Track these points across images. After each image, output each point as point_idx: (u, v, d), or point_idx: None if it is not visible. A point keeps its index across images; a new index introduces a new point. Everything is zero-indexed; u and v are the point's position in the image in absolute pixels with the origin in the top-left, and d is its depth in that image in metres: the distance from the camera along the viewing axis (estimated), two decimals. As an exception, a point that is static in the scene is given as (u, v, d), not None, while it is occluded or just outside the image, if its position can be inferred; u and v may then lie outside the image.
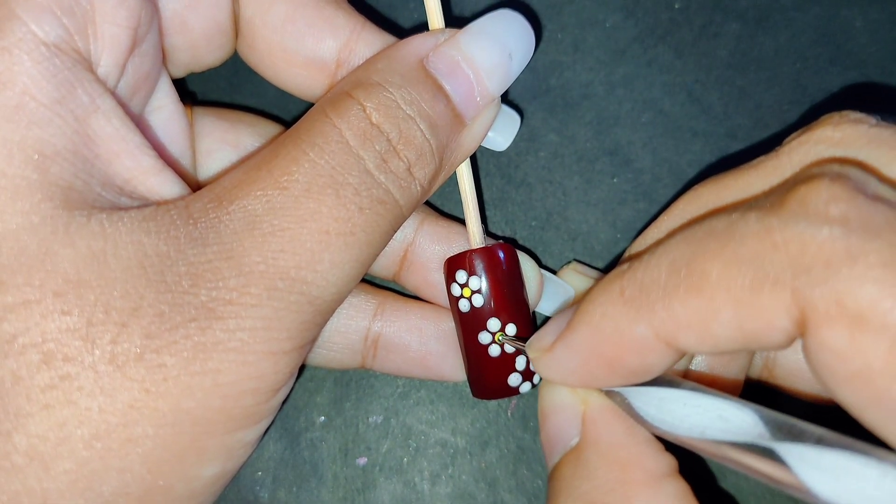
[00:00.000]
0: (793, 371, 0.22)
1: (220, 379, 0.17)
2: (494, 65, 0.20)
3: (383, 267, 0.24)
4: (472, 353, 0.22)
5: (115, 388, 0.16)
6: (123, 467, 0.16)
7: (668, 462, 0.18)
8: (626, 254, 0.22)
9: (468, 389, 0.25)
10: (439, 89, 0.19)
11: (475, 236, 0.22)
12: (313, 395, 0.25)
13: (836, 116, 0.18)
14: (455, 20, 0.27)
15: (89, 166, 0.17)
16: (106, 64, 0.18)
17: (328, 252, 0.18)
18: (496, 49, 0.20)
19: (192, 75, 0.23)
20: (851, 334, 0.14)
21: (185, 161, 0.22)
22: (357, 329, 0.23)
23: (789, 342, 0.16)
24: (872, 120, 0.18)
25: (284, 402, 0.25)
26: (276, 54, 0.21)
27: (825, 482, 0.15)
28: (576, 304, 0.19)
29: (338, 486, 0.25)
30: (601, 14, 0.26)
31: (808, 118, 0.26)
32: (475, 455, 0.25)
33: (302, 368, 0.26)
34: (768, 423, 0.17)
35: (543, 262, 0.26)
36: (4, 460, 0.16)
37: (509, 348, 0.22)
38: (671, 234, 0.18)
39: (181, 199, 0.18)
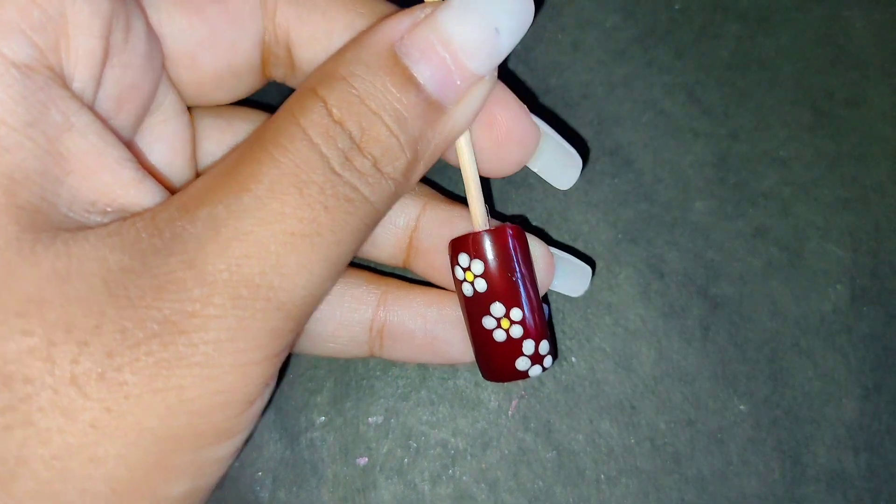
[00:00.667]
0: None
1: (185, 395, 0.16)
2: (477, 42, 0.18)
3: (391, 255, 0.23)
4: (478, 337, 0.22)
5: (76, 409, 0.16)
6: (86, 488, 0.16)
7: None
8: None
9: (469, 390, 0.25)
10: (409, 78, 0.18)
11: (478, 218, 0.21)
12: (313, 395, 0.25)
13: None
14: None
15: (59, 186, 0.17)
16: (81, 78, 0.17)
17: (294, 254, 0.17)
18: (478, 24, 0.18)
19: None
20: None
21: (188, 171, 0.21)
22: (361, 321, 0.23)
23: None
24: None
25: (284, 399, 0.25)
26: None
27: None
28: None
29: (338, 486, 0.25)
30: (601, 14, 0.27)
31: (808, 119, 0.26)
32: (476, 456, 0.25)
33: (301, 366, 0.26)
34: None
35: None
36: None
37: (515, 333, 0.21)
38: None
39: (149, 210, 0.18)
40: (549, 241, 0.26)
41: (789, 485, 0.25)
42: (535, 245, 0.23)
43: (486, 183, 0.26)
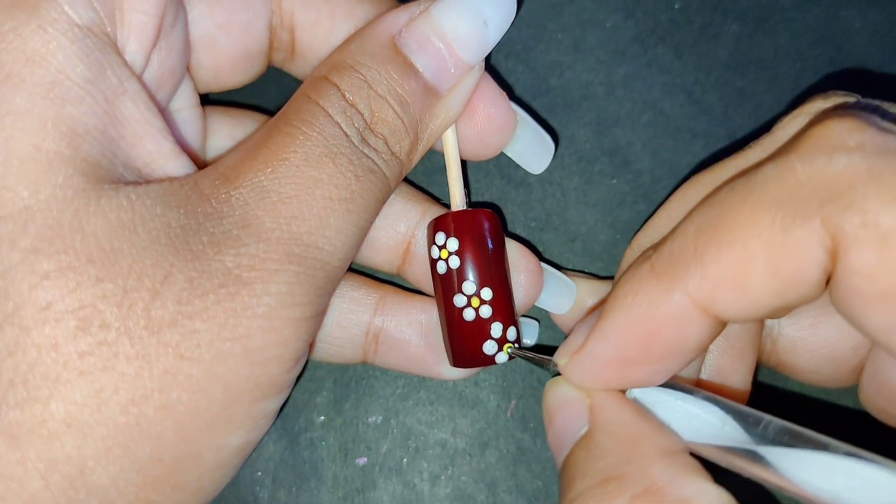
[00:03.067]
0: (795, 343, 0.22)
1: (250, 345, 0.17)
2: (468, 34, 0.20)
3: (386, 261, 0.24)
4: (449, 317, 0.22)
5: (151, 354, 0.16)
6: (158, 434, 0.16)
7: (679, 441, 0.18)
8: (629, 250, 0.22)
9: (468, 390, 0.25)
10: (409, 67, 0.20)
11: (456, 198, 0.23)
12: (313, 395, 0.25)
13: (822, 95, 0.19)
14: None
15: (115, 146, 0.17)
16: (132, 51, 0.18)
17: (333, 217, 0.18)
18: (469, 18, 0.20)
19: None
20: (880, 253, 0.14)
21: (198, 162, 0.22)
22: (358, 323, 0.23)
23: (824, 282, 0.16)
24: (858, 96, 0.18)
25: (284, 403, 0.25)
26: None
27: (815, 481, 0.15)
28: (600, 307, 0.19)
29: (337, 487, 0.25)
30: (601, 14, 0.26)
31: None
32: (475, 456, 0.25)
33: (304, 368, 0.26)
34: (769, 429, 0.17)
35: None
36: (42, 427, 0.16)
37: (485, 312, 0.22)
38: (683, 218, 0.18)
39: (189, 176, 0.18)
40: (540, 256, 0.26)
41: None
42: (524, 255, 0.23)
43: (465, 171, 0.26)
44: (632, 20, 0.26)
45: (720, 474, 0.17)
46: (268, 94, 0.26)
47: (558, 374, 0.20)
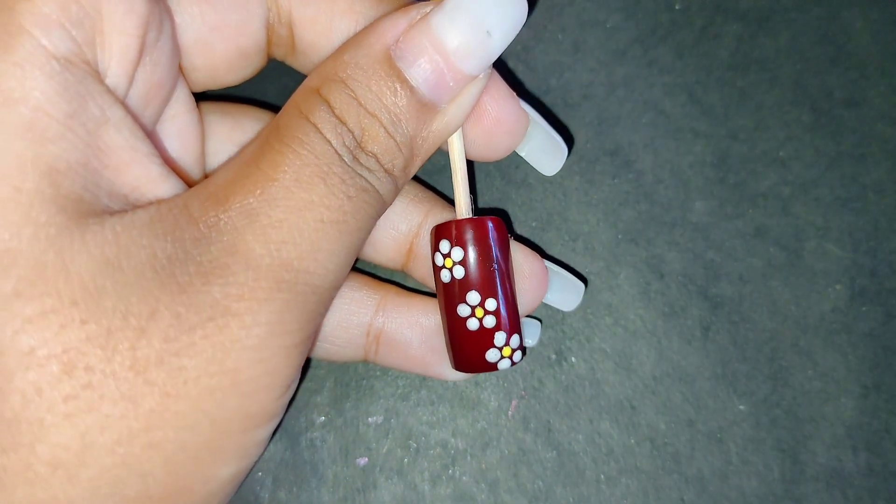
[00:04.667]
0: None
1: (238, 378, 0.17)
2: (469, 45, 0.19)
3: (390, 258, 0.24)
4: (451, 324, 0.22)
5: (137, 394, 0.16)
6: (145, 471, 0.16)
7: None
8: None
9: (469, 390, 0.25)
10: (403, 82, 0.19)
11: (462, 206, 0.22)
12: (313, 395, 0.25)
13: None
14: None
15: (98, 178, 0.17)
16: (115, 74, 0.18)
17: (325, 240, 0.18)
18: (470, 27, 0.19)
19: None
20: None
21: (197, 167, 0.22)
22: (359, 324, 0.23)
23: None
24: None
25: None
26: None
27: None
28: None
29: (338, 487, 0.25)
30: (602, 15, 0.26)
31: (808, 119, 0.26)
32: (476, 456, 0.25)
33: (304, 368, 0.26)
34: None
35: (544, 262, 0.26)
36: (28, 471, 0.16)
37: (488, 322, 0.21)
38: None
39: (178, 197, 0.18)
40: (544, 254, 0.26)
41: (789, 484, 0.25)
42: (530, 258, 0.23)
43: (471, 175, 0.26)
44: (632, 21, 0.26)
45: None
46: (268, 93, 0.26)
47: None
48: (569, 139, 0.26)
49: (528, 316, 0.25)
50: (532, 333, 0.25)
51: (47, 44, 0.16)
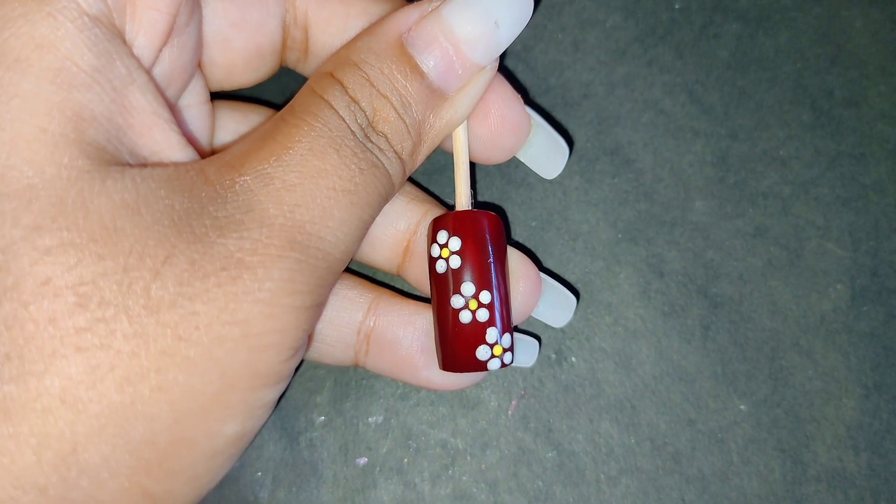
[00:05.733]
0: None
1: (249, 330, 0.17)
2: (477, 35, 0.20)
3: (387, 260, 0.24)
4: (443, 317, 0.22)
5: (149, 334, 0.16)
6: (152, 415, 0.16)
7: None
8: None
9: (469, 390, 0.25)
10: (414, 67, 0.20)
11: (462, 198, 0.22)
12: (313, 395, 0.25)
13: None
14: None
15: (121, 134, 0.18)
16: (141, 46, 0.18)
17: (336, 208, 0.18)
18: (479, 18, 0.20)
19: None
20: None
21: (204, 156, 0.22)
22: (350, 322, 0.23)
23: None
24: None
25: (284, 399, 0.25)
26: None
27: None
28: None
29: (338, 486, 0.25)
30: (601, 14, 0.27)
31: (808, 118, 0.26)
32: (475, 456, 0.25)
33: (301, 366, 0.26)
34: None
35: (544, 262, 0.26)
36: (36, 402, 0.16)
37: (482, 316, 0.21)
38: None
39: (194, 163, 0.18)
40: (539, 266, 0.26)
41: (790, 484, 0.25)
42: (524, 262, 0.23)
43: (472, 172, 0.26)
44: (632, 20, 0.27)
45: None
46: (271, 89, 0.26)
47: None
48: (568, 139, 0.26)
49: (526, 332, 0.25)
50: (530, 352, 0.25)
51: (80, 1, 0.17)
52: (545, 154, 0.24)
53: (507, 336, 0.22)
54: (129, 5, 0.18)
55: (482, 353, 0.21)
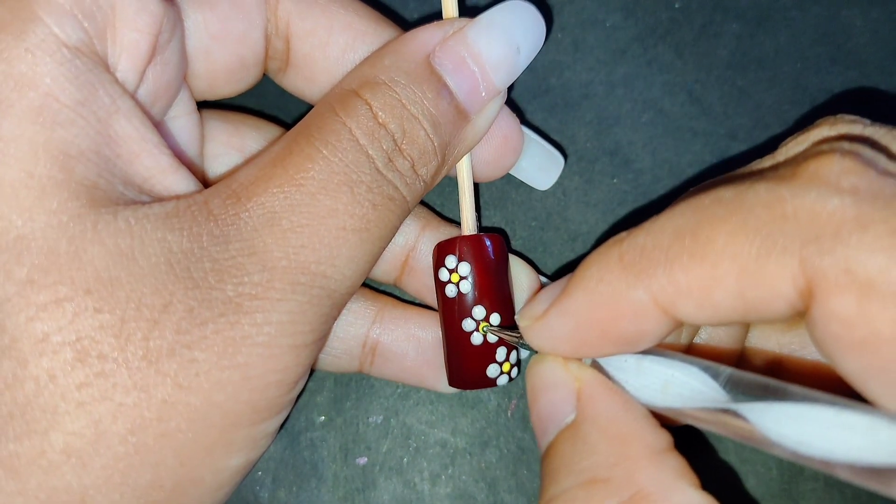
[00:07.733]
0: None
1: (249, 372, 0.17)
2: (501, 59, 0.20)
3: (385, 272, 0.24)
4: (454, 340, 0.22)
5: (149, 384, 0.16)
6: (157, 461, 0.16)
7: (666, 437, 0.18)
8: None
9: (468, 391, 0.25)
10: (444, 87, 0.19)
11: (468, 223, 0.22)
12: (313, 395, 0.25)
13: (830, 118, 0.18)
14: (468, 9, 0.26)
15: (111, 166, 0.17)
16: (124, 69, 0.18)
17: (345, 247, 0.18)
18: (503, 43, 0.20)
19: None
20: (860, 302, 0.14)
21: (195, 170, 0.22)
22: (356, 335, 0.23)
23: (790, 314, 0.16)
24: (866, 121, 0.18)
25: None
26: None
27: (790, 432, 0.15)
28: (568, 275, 0.19)
29: (338, 486, 0.25)
30: (601, 14, 0.26)
31: (808, 118, 0.26)
32: (475, 455, 0.25)
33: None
34: (733, 383, 0.17)
35: (543, 262, 0.26)
36: (41, 458, 0.16)
37: (492, 338, 0.22)
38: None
39: (199, 193, 0.18)
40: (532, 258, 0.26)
41: (787, 482, 0.25)
42: (524, 269, 0.23)
43: (478, 197, 0.26)
44: (632, 19, 0.26)
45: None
46: (268, 96, 0.26)
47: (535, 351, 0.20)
48: (568, 140, 0.26)
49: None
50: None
51: (58, 31, 0.16)
52: (538, 167, 0.24)
53: (514, 352, 0.22)
54: (110, 29, 0.17)
55: (492, 370, 0.22)
